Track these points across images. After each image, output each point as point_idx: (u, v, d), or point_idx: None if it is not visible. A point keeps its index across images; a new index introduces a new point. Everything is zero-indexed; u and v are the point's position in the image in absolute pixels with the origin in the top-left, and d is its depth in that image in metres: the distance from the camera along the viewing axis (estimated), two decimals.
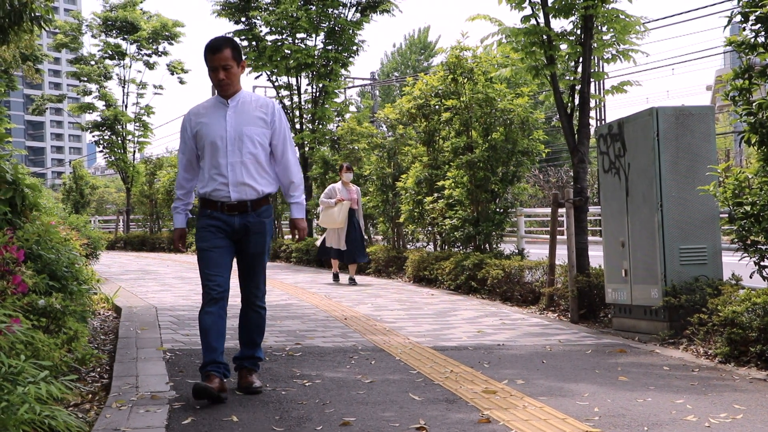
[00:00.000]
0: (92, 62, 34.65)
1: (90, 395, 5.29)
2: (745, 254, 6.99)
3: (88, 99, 34.94)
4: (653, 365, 6.44)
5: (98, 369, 6.24)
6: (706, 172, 7.60)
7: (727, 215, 7.31)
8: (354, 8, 23.23)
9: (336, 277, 14.35)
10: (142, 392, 5.26)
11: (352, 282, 13.92)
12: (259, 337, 5.58)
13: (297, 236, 5.62)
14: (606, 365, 6.44)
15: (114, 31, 34.03)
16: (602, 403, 5.06)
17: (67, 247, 7.10)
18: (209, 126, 5.34)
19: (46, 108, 38.53)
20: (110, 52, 34.41)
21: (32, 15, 9.36)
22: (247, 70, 23.81)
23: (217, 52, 5.27)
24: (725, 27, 7.16)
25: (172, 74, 34.32)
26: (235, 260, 5.49)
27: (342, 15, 23.16)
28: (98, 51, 34.62)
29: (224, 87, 5.33)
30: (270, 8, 23.54)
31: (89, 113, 35.35)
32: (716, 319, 6.76)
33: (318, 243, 15.19)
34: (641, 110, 8.24)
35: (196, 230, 5.43)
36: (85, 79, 34.40)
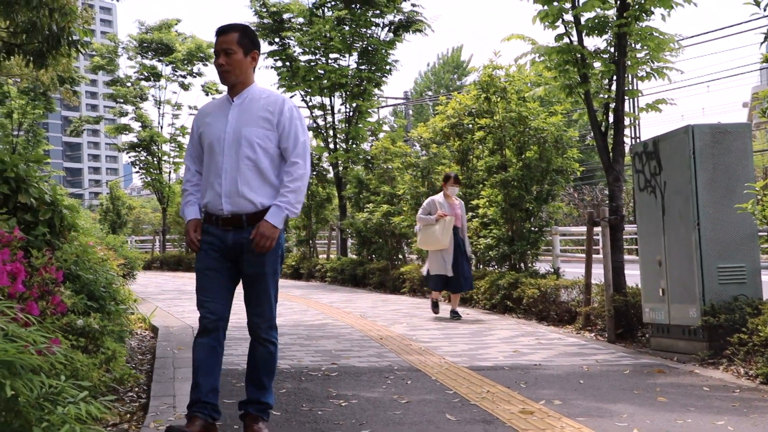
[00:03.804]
0: (128, 84, 35.13)
1: (128, 415, 5.32)
2: None
3: (124, 120, 35.43)
4: (693, 386, 6.36)
5: (136, 389, 6.27)
6: (743, 190, 7.52)
7: (765, 234, 7.22)
8: (387, 28, 23.37)
9: (436, 306, 11.81)
10: (180, 412, 5.27)
11: (455, 316, 11.40)
12: (268, 379, 4.75)
13: (253, 241, 4.53)
14: (644, 386, 6.37)
15: (150, 53, 34.49)
16: (641, 425, 4.99)
17: (105, 267, 7.17)
18: (211, 126, 4.70)
19: (84, 129, 39.07)
20: (146, 74, 34.88)
21: (70, 39, 9.51)
22: (281, 90, 24.00)
23: (221, 34, 4.67)
24: (762, 43, 7.11)
25: (207, 95, 34.70)
26: None
27: (375, 35, 23.30)
28: (134, 73, 35.14)
29: (224, 75, 4.67)
30: (303, 29, 23.76)
31: (125, 134, 35.82)
32: (757, 339, 6.67)
33: (423, 271, 12.53)
34: (677, 128, 8.18)
35: None
36: (122, 100, 34.89)
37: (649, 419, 5.15)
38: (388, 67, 23.64)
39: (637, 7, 9.41)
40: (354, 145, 23.73)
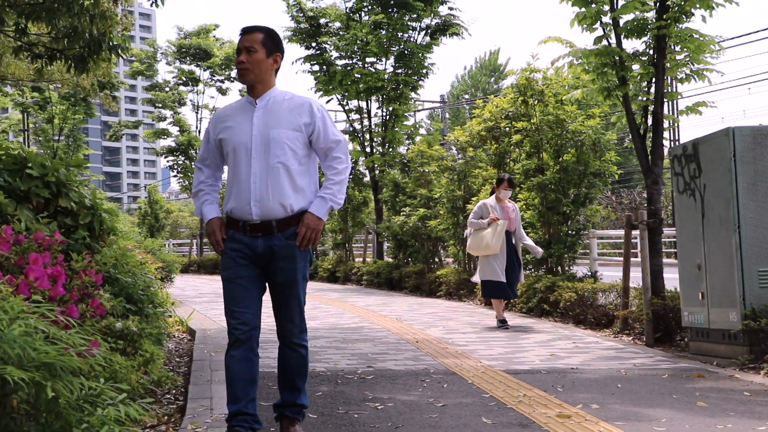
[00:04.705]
0: (167, 89, 35.48)
1: (166, 417, 5.36)
2: None
3: (162, 125, 35.81)
4: (733, 390, 6.29)
5: (173, 391, 6.32)
6: None
7: None
8: (424, 32, 23.36)
9: (503, 322, 10.68)
10: (217, 414, 5.30)
11: (502, 324, 10.66)
12: (302, 381, 4.73)
13: (299, 234, 4.52)
14: (683, 390, 6.30)
15: (188, 58, 34.82)
16: (680, 429, 4.94)
17: (143, 270, 7.23)
18: (234, 130, 4.58)
19: (123, 134, 39.52)
20: (184, 79, 35.21)
21: (110, 44, 9.62)
22: (318, 94, 24.09)
23: (246, 33, 4.60)
24: None
25: None
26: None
27: (412, 39, 23.30)
28: (172, 78, 35.48)
29: (243, 72, 4.57)
30: (340, 33, 23.83)
31: (164, 139, 36.17)
32: None
33: (475, 279, 11.83)
34: (717, 130, 8.09)
35: (221, 256, 4.72)
36: (160, 105, 35.24)
37: (688, 424, 5.09)
38: (424, 71, 23.64)
39: (676, 8, 9.32)
40: (390, 149, 23.75)
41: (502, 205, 11.17)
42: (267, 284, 4.66)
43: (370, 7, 23.33)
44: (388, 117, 23.86)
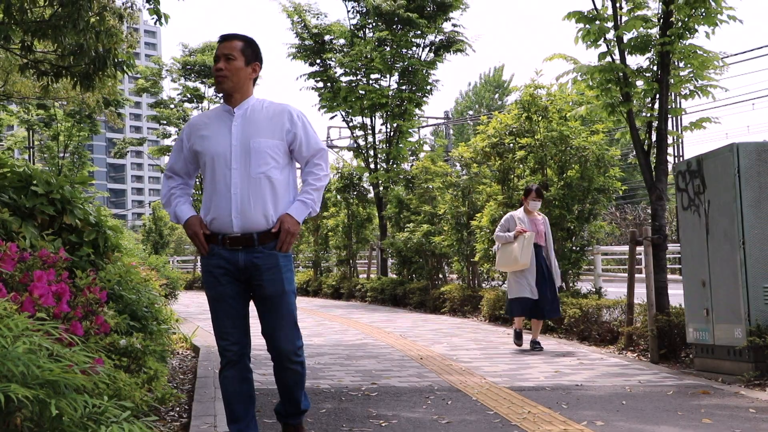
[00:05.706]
0: (171, 105, 35.57)
1: None
2: None
3: (167, 141, 35.89)
4: (738, 407, 6.26)
5: (177, 408, 6.30)
6: None
7: None
8: (428, 48, 23.44)
9: (519, 337, 10.20)
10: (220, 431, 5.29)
11: (535, 347, 9.96)
12: (300, 392, 4.70)
13: (279, 237, 4.39)
14: (689, 407, 6.28)
15: (193, 75, 34.91)
16: None
17: (147, 287, 7.22)
18: (210, 140, 4.43)
19: (127, 151, 39.60)
20: (189, 96, 35.28)
21: (115, 61, 9.66)
22: (322, 110, 24.16)
23: (224, 41, 4.48)
24: None
25: None
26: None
27: (416, 55, 23.37)
28: (177, 94, 35.56)
29: (221, 80, 4.43)
30: (344, 50, 23.91)
31: (168, 156, 36.18)
32: None
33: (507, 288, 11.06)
34: (721, 146, 8.09)
35: (201, 272, 4.62)
36: (165, 122, 35.32)
37: None
38: (428, 87, 23.71)
39: (680, 25, 9.35)
40: (394, 165, 23.77)
41: (531, 217, 10.43)
42: (252, 299, 4.54)
43: (374, 24, 23.42)
44: (392, 133, 23.90)
